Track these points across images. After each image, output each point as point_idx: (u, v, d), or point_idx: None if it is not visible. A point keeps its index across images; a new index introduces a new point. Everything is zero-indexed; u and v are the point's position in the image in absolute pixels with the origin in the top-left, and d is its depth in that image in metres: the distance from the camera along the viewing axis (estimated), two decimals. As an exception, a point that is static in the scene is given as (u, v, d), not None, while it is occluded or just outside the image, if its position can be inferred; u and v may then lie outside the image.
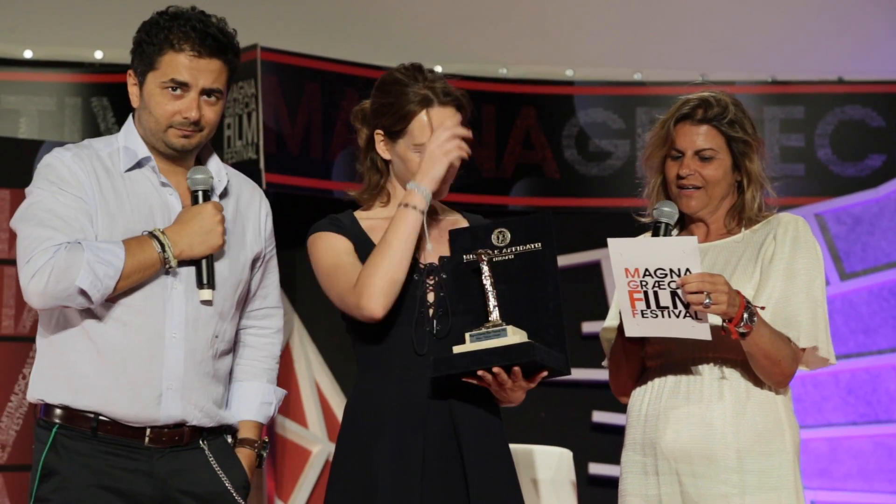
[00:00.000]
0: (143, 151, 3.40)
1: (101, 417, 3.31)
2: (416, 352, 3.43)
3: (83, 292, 3.24)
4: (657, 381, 3.64)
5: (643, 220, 3.74)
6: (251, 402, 3.51)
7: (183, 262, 3.35)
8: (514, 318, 3.38)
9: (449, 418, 3.41)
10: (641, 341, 3.62)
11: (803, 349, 3.58)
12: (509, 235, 3.46)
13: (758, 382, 3.59)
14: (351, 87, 6.79)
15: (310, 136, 6.76)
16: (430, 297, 3.46)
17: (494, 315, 3.37)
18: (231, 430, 3.49)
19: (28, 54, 6.94)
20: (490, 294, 3.39)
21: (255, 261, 3.51)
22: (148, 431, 3.33)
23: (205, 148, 3.50)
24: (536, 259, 3.42)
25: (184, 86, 3.36)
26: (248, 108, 6.66)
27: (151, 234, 3.32)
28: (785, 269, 3.59)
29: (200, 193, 3.39)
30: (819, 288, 3.60)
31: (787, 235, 3.62)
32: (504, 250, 3.45)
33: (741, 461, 3.55)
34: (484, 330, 3.35)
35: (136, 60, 3.41)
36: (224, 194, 3.48)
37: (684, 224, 3.74)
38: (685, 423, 3.58)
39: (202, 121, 3.39)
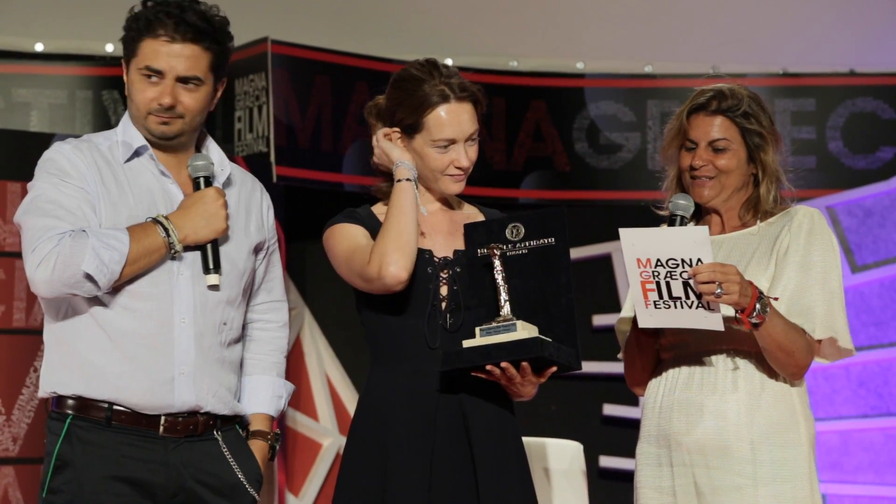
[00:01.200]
0: (140, 140, 3.41)
1: (115, 407, 3.32)
2: (428, 345, 3.43)
3: (90, 277, 3.25)
4: (671, 372, 3.64)
5: (661, 212, 3.74)
6: (262, 396, 3.52)
7: (188, 248, 3.36)
8: (526, 313, 3.38)
9: (459, 412, 3.42)
10: (656, 333, 3.62)
11: (819, 341, 3.57)
12: (523, 230, 3.45)
13: (772, 374, 3.58)
14: (361, 80, 6.79)
15: (320, 129, 6.76)
16: (444, 290, 3.47)
17: (505, 310, 3.37)
18: (243, 422, 3.50)
19: (39, 47, 6.94)
20: (501, 288, 3.39)
21: (258, 250, 3.51)
22: (163, 420, 3.33)
23: (206, 138, 3.51)
24: (549, 254, 3.42)
25: (158, 73, 3.35)
26: (258, 102, 6.66)
27: (155, 220, 3.33)
28: (800, 261, 3.58)
29: (202, 180, 3.40)
30: (835, 279, 3.59)
31: (802, 228, 3.61)
32: (518, 245, 3.45)
33: (755, 452, 3.55)
34: (494, 324, 3.35)
35: (124, 48, 3.43)
36: (227, 184, 3.49)
37: (701, 217, 3.73)
38: (699, 415, 3.58)
39: (179, 108, 3.37)
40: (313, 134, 6.74)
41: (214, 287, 3.37)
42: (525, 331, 3.34)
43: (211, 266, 3.37)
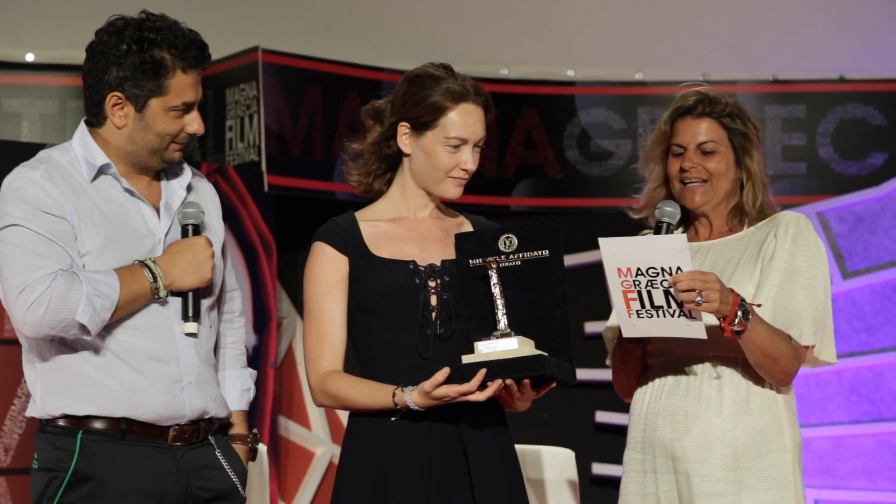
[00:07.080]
0: (103, 159, 3.35)
1: (129, 418, 3.31)
2: (420, 355, 3.41)
3: (82, 326, 3.23)
4: (658, 380, 3.64)
5: (635, 216, 3.74)
6: (233, 393, 3.53)
7: (172, 293, 3.34)
8: (520, 325, 3.34)
9: (454, 424, 3.40)
10: (641, 340, 3.61)
11: (806, 347, 3.57)
12: (516, 241, 3.41)
13: (758, 381, 3.58)
14: (352, 89, 6.79)
15: (311, 137, 6.77)
16: (433, 300, 3.44)
17: (503, 324, 3.33)
18: (221, 421, 3.50)
19: (30, 57, 6.94)
20: (499, 302, 3.34)
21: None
22: (171, 430, 3.34)
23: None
24: (544, 266, 3.38)
25: (190, 105, 3.34)
26: (249, 111, 6.66)
27: (143, 264, 3.30)
28: (785, 266, 3.58)
29: (191, 227, 3.38)
30: (822, 286, 3.58)
31: (787, 233, 3.61)
32: (511, 256, 3.40)
33: (738, 459, 3.55)
34: (493, 339, 3.31)
35: (126, 83, 3.31)
36: (189, 188, 3.47)
37: (689, 223, 3.73)
38: (684, 422, 3.58)
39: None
40: (304, 142, 6.74)
41: (192, 334, 3.35)
42: (525, 347, 3.29)
43: (191, 314, 3.35)
